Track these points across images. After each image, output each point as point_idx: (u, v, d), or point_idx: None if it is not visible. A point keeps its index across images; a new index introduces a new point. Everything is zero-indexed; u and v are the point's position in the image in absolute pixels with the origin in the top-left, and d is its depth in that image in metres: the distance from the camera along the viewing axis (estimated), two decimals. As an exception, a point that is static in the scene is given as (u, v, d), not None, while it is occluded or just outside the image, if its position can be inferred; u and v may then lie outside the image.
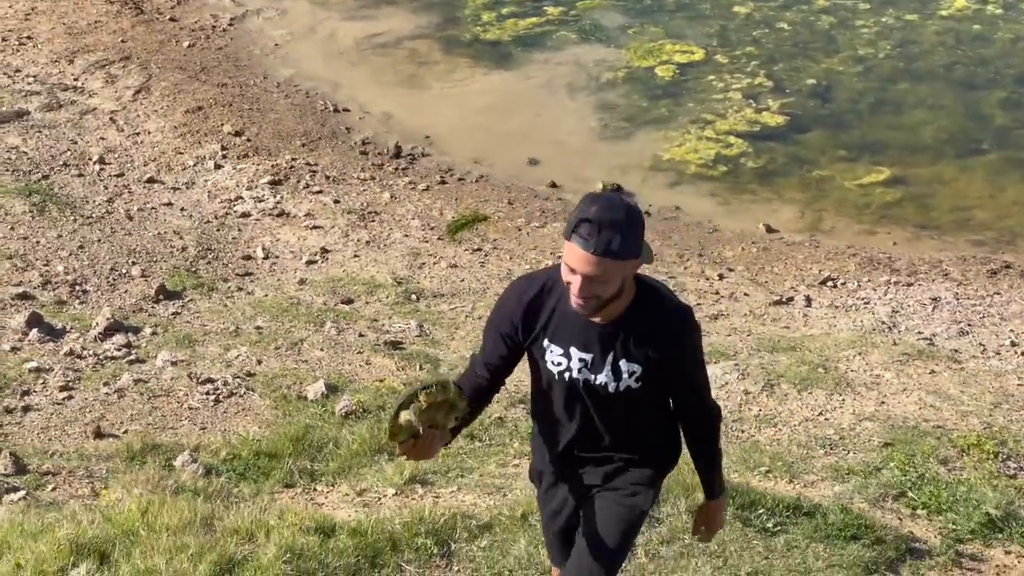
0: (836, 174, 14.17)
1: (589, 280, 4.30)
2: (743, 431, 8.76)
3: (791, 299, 11.73)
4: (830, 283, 12.12)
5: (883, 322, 11.14)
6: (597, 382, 4.61)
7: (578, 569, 4.86)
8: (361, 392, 9.11)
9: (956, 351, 10.47)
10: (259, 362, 9.61)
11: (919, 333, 10.89)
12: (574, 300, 4.39)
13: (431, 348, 10.23)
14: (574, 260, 4.30)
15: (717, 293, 11.84)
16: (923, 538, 7.25)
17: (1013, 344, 10.63)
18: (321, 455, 8.14)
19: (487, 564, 6.65)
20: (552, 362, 4.64)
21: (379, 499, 7.55)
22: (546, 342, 4.63)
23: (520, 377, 5.10)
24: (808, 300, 11.71)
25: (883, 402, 9.32)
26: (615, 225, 4.23)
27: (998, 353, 10.46)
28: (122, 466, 7.75)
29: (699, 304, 11.49)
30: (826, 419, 9.02)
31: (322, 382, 9.15)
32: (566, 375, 4.63)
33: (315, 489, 7.73)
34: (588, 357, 4.59)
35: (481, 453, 8.30)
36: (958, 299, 11.74)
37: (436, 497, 7.54)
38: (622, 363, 4.56)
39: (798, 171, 14.27)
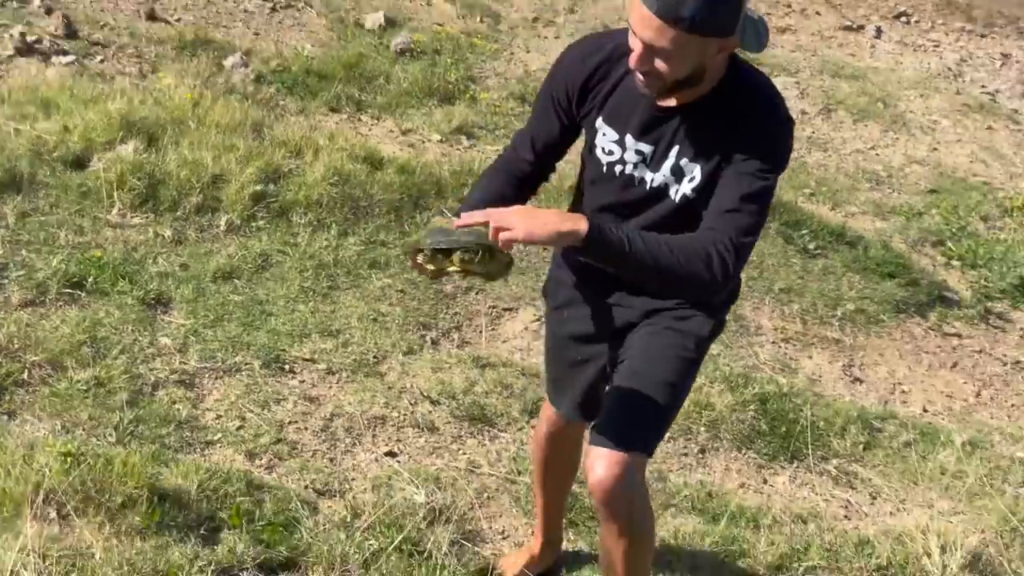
0: (932, -93, 13.63)
1: (649, 51, 3.16)
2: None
3: (862, 27, 11.43)
4: (904, 18, 11.80)
5: (949, 69, 10.89)
6: (654, 184, 3.48)
7: (621, 419, 3.58)
8: (419, 32, 8.91)
9: (1016, 111, 10.27)
10: (320, -20, 9.37)
11: (983, 87, 10.66)
12: (636, 74, 3.26)
13: (494, 3, 9.98)
14: (634, 19, 3.15)
15: (789, 6, 11.52)
16: (955, 289, 7.22)
17: (1075, 116, 10.43)
18: (371, 87, 8.01)
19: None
20: (603, 148, 3.53)
21: (424, 142, 7.46)
22: (599, 121, 3.51)
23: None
24: (879, 31, 11.41)
25: (936, 148, 9.18)
26: None
27: (1057, 123, 10.27)
28: (172, 54, 7.61)
29: (769, 14, 11.20)
30: (877, 154, 8.89)
31: (382, 13, 8.94)
32: (617, 168, 3.52)
33: (359, 119, 7.63)
34: (647, 150, 3.45)
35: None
36: (1028, 61, 11.47)
37: (480, 152, 7.45)
38: (683, 162, 3.40)
39: None
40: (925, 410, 6.10)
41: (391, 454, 4.89)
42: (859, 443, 5.58)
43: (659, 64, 3.16)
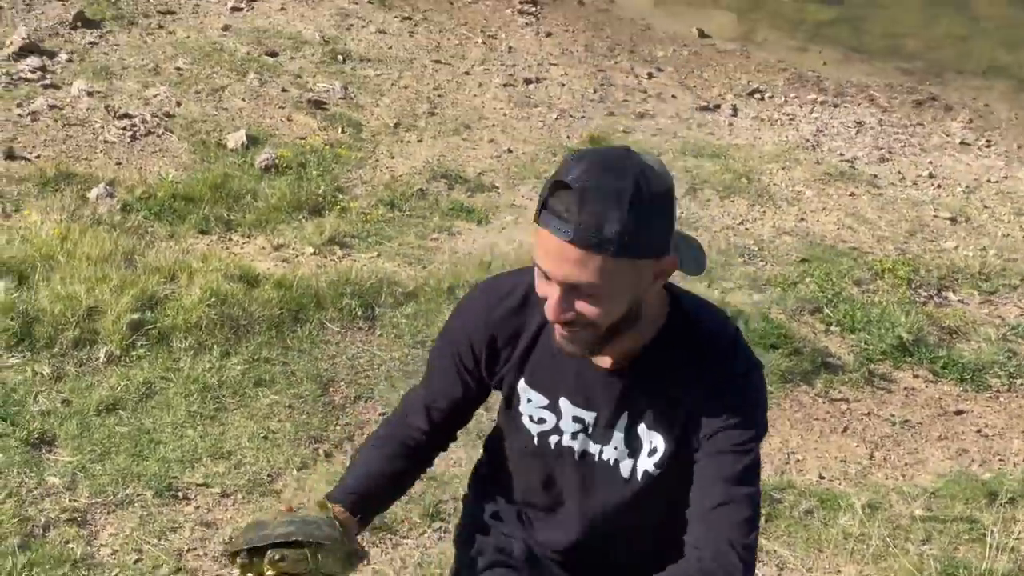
0: (773, -14, 14.01)
1: (570, 291, 2.50)
2: (664, 231, 8.71)
3: (718, 106, 11.62)
4: (758, 95, 12.02)
5: (807, 140, 11.10)
6: (604, 457, 2.80)
7: None
8: (283, 147, 8.90)
9: (876, 176, 10.48)
10: (178, 104, 9.32)
11: (841, 155, 10.87)
12: (555, 330, 2.64)
13: (354, 112, 9.99)
14: (544, 255, 2.49)
15: (645, 92, 11.69)
16: (837, 354, 7.32)
17: (931, 176, 10.66)
18: (238, 206, 7.96)
19: (410, 332, 6.58)
20: (530, 417, 2.84)
21: (297, 256, 7.43)
22: (522, 384, 2.84)
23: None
24: (735, 109, 11.61)
25: (803, 218, 9.33)
26: (612, 195, 2.39)
27: (915, 183, 10.49)
28: (35, 191, 7.52)
29: (626, 100, 11.35)
30: (746, 229, 9.01)
31: (243, 132, 8.91)
32: (551, 440, 2.83)
33: (231, 239, 7.58)
34: (589, 417, 2.79)
35: (400, 223, 8.17)
36: (882, 125, 11.72)
37: (355, 261, 7.44)
38: (640, 430, 2.75)
39: (735, -22, 14.06)
40: (821, 477, 6.15)
41: (295, 572, 4.81)
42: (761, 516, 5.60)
43: (584, 308, 2.50)
